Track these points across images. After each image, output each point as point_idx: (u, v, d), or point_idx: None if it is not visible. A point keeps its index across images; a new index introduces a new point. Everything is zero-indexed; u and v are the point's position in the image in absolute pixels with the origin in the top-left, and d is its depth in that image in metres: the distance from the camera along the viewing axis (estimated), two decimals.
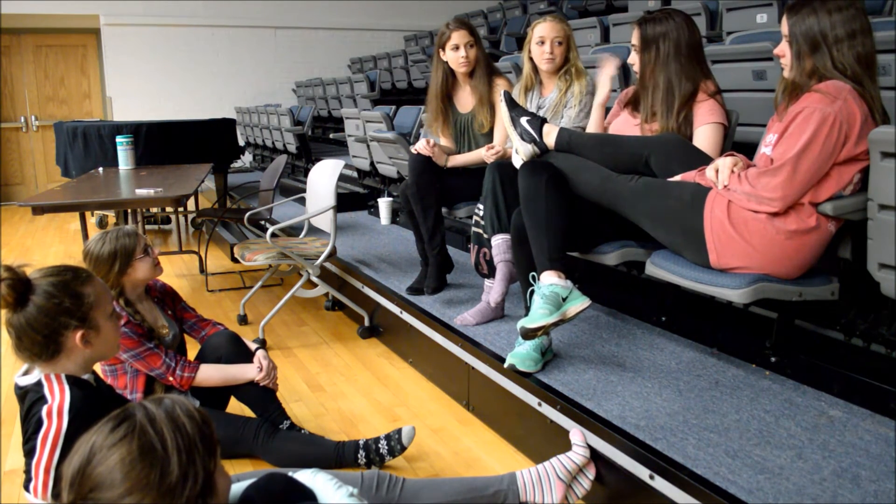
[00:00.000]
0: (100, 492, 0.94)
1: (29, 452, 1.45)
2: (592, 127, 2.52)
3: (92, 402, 1.48)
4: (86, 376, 1.54)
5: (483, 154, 2.81)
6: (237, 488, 1.34)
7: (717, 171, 1.94)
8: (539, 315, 2.06)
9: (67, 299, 1.46)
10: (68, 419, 1.44)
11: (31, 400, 1.49)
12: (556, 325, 2.07)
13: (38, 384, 1.49)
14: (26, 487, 1.46)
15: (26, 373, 1.54)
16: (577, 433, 1.91)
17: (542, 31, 2.71)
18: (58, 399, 1.46)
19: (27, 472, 1.46)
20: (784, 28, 1.91)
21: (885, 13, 3.47)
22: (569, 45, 2.74)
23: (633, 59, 2.32)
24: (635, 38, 2.29)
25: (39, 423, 1.44)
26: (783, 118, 1.89)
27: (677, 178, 2.06)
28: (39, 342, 1.46)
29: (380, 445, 2.14)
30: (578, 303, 2.10)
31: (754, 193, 1.85)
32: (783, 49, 1.93)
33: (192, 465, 0.98)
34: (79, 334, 1.48)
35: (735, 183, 1.88)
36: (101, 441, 0.96)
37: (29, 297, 1.44)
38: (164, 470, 0.96)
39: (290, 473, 1.44)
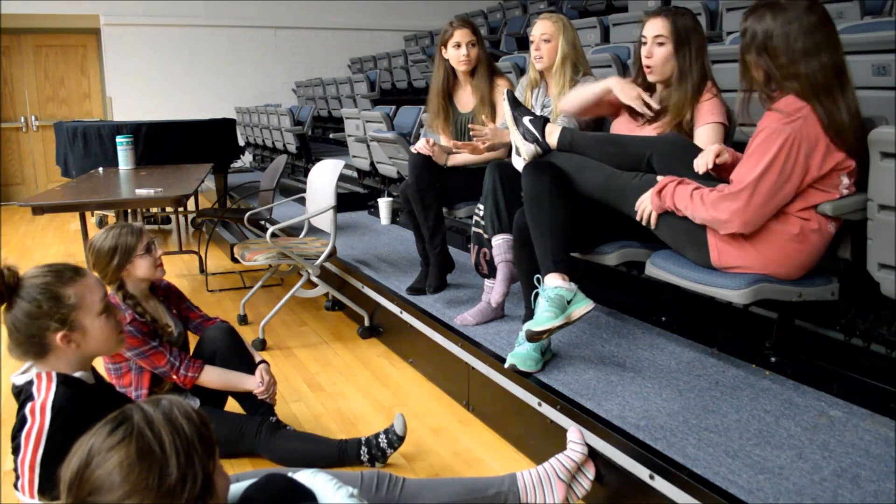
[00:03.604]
0: (99, 495, 0.94)
1: (15, 450, 1.45)
2: (575, 95, 2.48)
3: (78, 400, 1.48)
4: (79, 374, 1.53)
5: (477, 144, 2.77)
6: (237, 488, 1.34)
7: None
8: (545, 318, 2.06)
9: (45, 302, 1.46)
10: (50, 416, 1.43)
11: (23, 398, 1.49)
12: (561, 327, 2.07)
13: (30, 382, 1.49)
14: (16, 485, 1.45)
15: (25, 371, 1.54)
16: (574, 431, 1.92)
17: (532, 31, 2.73)
18: (42, 396, 1.46)
19: (15, 469, 1.45)
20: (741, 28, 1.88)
21: (885, 13, 3.48)
22: (563, 41, 2.68)
23: (655, 53, 2.24)
24: (663, 29, 2.22)
25: (24, 420, 1.44)
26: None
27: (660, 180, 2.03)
28: (24, 342, 1.47)
29: (380, 440, 2.15)
30: (583, 305, 2.10)
31: (715, 219, 1.86)
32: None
33: (191, 466, 0.98)
34: (59, 335, 1.47)
35: (697, 206, 1.88)
36: (99, 444, 0.96)
37: (15, 298, 1.45)
38: (162, 472, 0.95)
39: (289, 474, 1.45)
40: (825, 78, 1.76)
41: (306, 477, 1.46)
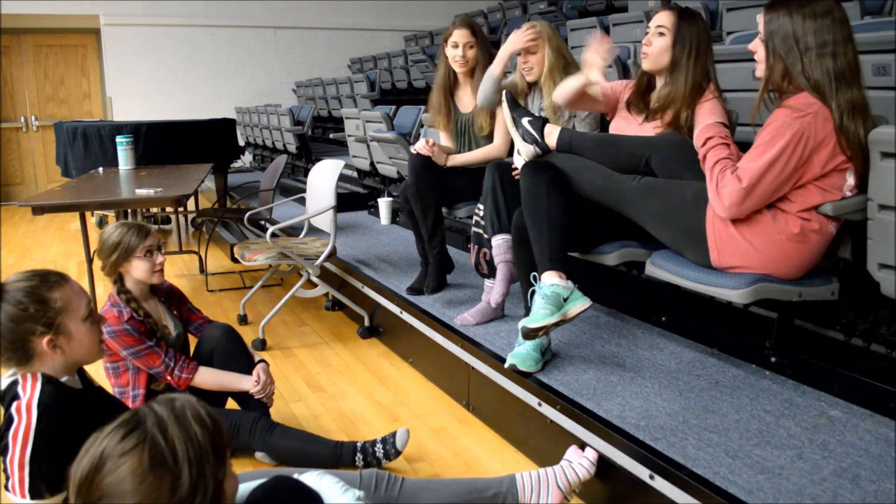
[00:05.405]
0: (109, 500, 0.93)
1: (3, 450, 1.44)
2: (561, 87, 2.44)
3: (63, 400, 1.48)
4: (64, 379, 1.53)
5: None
6: (243, 489, 1.34)
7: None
8: (540, 315, 2.06)
9: (32, 305, 1.45)
10: (37, 414, 1.43)
11: (8, 398, 1.49)
12: (557, 325, 2.08)
13: (14, 382, 1.49)
14: (6, 486, 1.45)
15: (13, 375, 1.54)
16: (592, 452, 1.89)
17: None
18: (28, 395, 1.46)
19: (4, 470, 1.45)
20: (760, 24, 1.88)
21: (885, 13, 3.48)
22: (549, 50, 2.68)
23: (653, 42, 2.25)
24: (666, 21, 2.23)
25: (10, 420, 1.44)
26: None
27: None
28: (9, 348, 1.46)
29: (376, 449, 2.13)
30: (579, 303, 2.10)
31: (715, 197, 1.86)
32: (756, 45, 1.89)
33: (203, 476, 0.96)
34: (45, 339, 1.47)
35: (717, 176, 1.87)
36: (112, 448, 0.94)
37: None
38: (174, 482, 0.94)
39: (295, 475, 1.45)
40: (843, 73, 1.76)
41: (313, 479, 1.46)
